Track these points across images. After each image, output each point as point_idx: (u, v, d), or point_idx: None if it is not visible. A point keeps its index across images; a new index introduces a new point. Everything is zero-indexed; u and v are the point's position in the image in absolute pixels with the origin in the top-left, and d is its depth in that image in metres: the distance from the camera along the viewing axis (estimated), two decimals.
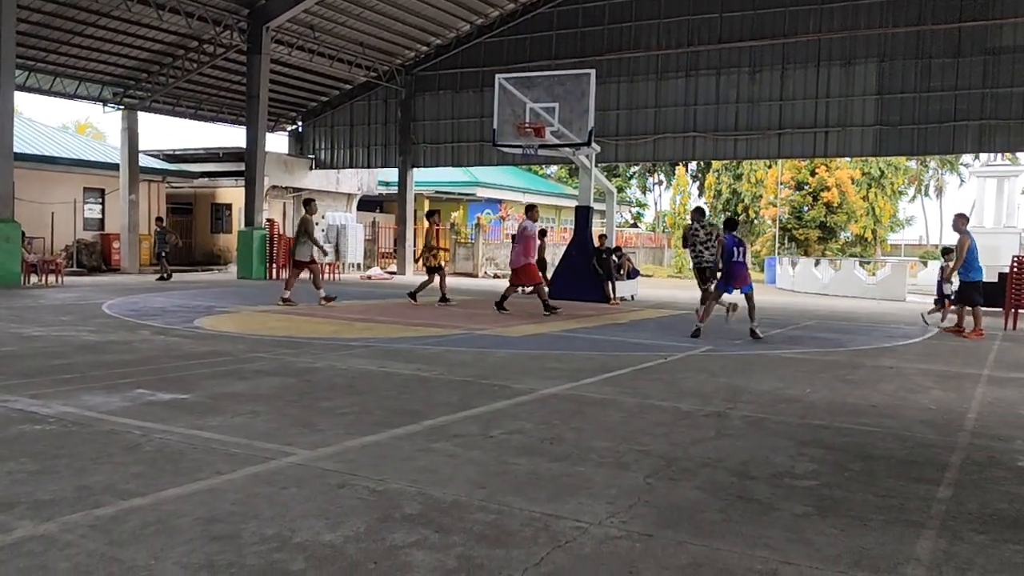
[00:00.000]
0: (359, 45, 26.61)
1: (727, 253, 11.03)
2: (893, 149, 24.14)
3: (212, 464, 4.07)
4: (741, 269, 11.06)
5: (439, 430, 4.98)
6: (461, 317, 12.89)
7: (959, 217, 12.33)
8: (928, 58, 21.76)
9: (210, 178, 30.87)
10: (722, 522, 3.46)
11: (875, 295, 23.10)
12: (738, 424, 5.47)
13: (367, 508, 3.48)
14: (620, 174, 58.75)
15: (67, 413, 5.13)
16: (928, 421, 5.80)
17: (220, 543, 3.02)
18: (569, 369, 7.74)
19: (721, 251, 11.16)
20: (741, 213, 48.42)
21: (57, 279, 18.79)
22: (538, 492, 3.79)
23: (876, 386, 7.29)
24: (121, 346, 8.41)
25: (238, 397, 5.84)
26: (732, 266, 11.00)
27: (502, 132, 16.64)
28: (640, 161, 44.42)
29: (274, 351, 8.28)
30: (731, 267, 11.01)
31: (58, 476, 3.79)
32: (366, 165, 31.28)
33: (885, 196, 45.89)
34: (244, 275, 23.17)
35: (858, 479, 4.21)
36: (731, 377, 7.53)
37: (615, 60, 25.24)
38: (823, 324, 13.85)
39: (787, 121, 23.56)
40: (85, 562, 2.81)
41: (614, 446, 4.72)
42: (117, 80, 25.86)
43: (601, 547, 3.13)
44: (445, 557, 2.97)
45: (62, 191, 25.57)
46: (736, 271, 11.01)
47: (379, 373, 7.12)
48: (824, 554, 3.14)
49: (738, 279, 11.04)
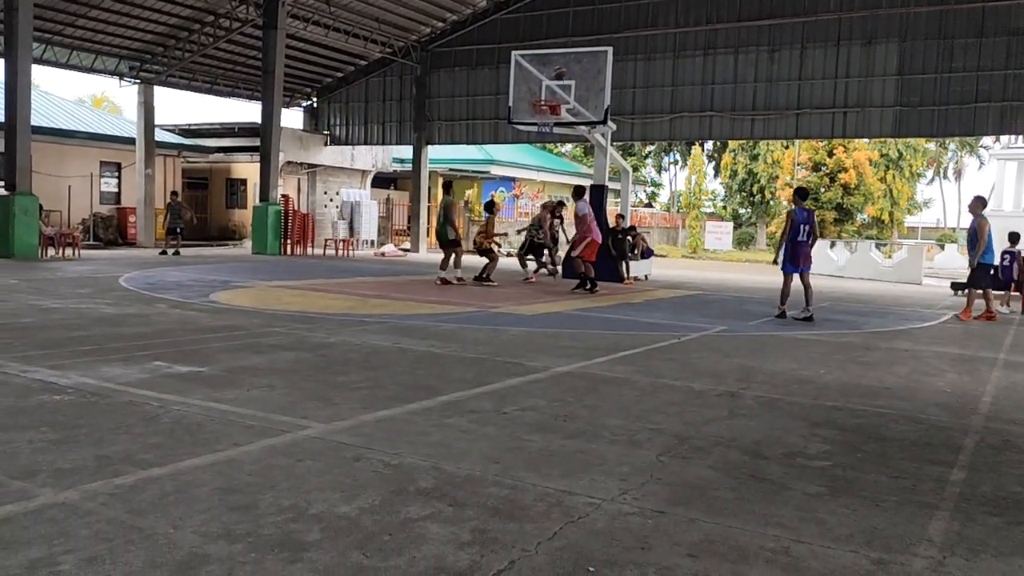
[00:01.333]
0: (375, 20, 26.48)
1: (794, 231, 10.64)
2: (913, 130, 23.87)
3: (229, 436, 4.11)
4: (804, 248, 10.78)
5: (453, 406, 5.02)
6: (476, 295, 12.91)
7: (977, 200, 12.21)
8: (950, 38, 21.45)
9: (225, 153, 30.91)
10: (734, 500, 3.48)
11: (891, 278, 22.96)
12: (751, 404, 5.48)
13: (382, 481, 3.52)
14: (635, 153, 58.41)
15: (86, 384, 5.19)
16: (942, 404, 5.78)
17: (237, 513, 3.07)
18: (583, 347, 7.75)
19: (790, 227, 10.71)
20: (757, 194, 48.13)
21: (74, 252, 18.93)
22: (551, 468, 3.82)
23: (890, 368, 7.27)
24: (138, 319, 8.48)
25: (254, 370, 5.89)
26: (798, 246, 10.69)
27: (517, 110, 16.57)
28: (656, 140, 44.16)
29: (289, 326, 8.34)
30: (797, 247, 10.69)
31: (78, 445, 3.85)
32: (381, 142, 31.23)
33: (903, 178, 45.48)
34: (259, 250, 23.26)
35: (871, 460, 4.21)
36: (744, 357, 7.53)
37: (632, 38, 25.02)
38: (838, 306, 13.80)
39: (805, 101, 23.33)
40: (106, 529, 2.85)
41: (627, 424, 4.73)
42: (133, 54, 25.87)
43: (614, 523, 3.15)
44: (459, 530, 3.00)
45: (79, 165, 25.67)
46: (801, 250, 10.72)
47: (393, 349, 7.16)
48: (836, 533, 3.15)
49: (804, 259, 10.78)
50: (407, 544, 2.86)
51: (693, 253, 41.11)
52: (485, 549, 2.84)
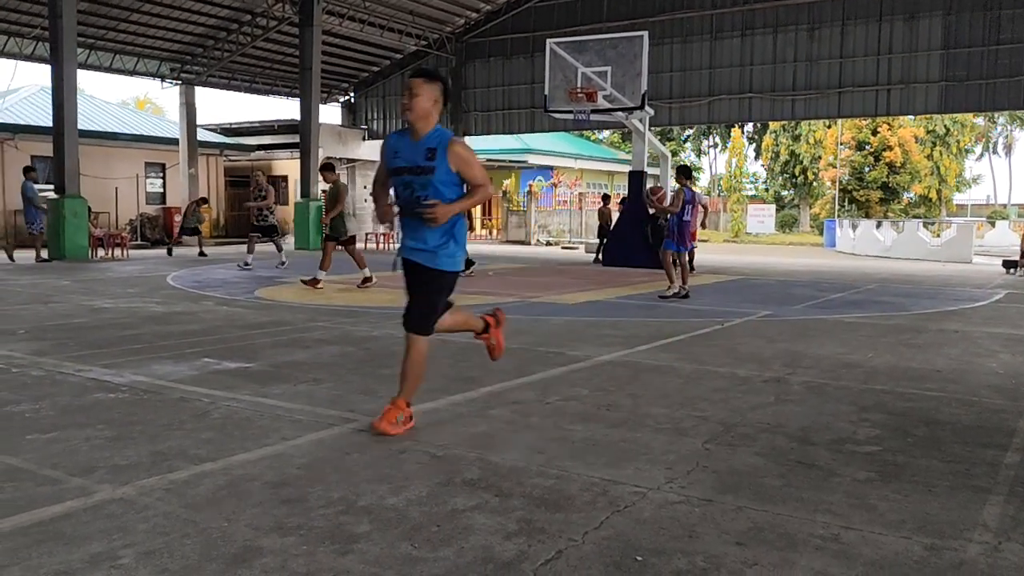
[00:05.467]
0: (409, 14, 26.57)
1: (682, 210, 10.74)
2: (959, 105, 23.31)
3: (278, 430, 4.19)
4: (689, 227, 10.97)
5: (496, 396, 5.04)
6: (516, 285, 12.92)
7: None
8: (997, 9, 20.86)
9: (266, 151, 31.34)
10: (782, 487, 3.45)
11: (940, 257, 22.48)
12: (798, 389, 5.42)
13: (428, 473, 3.55)
14: (674, 138, 57.85)
15: (138, 382, 5.32)
16: (995, 386, 5.66)
17: (288, 506, 3.12)
18: (624, 336, 7.73)
19: (680, 207, 10.78)
20: (799, 175, 47.38)
21: (123, 252, 19.37)
22: (596, 458, 3.82)
23: (941, 350, 7.13)
24: (186, 317, 8.66)
25: (300, 365, 5.98)
26: (684, 225, 10.81)
27: (554, 98, 16.53)
28: (695, 124, 43.71)
29: (333, 320, 8.44)
30: (683, 226, 10.81)
31: (133, 442, 3.95)
32: None
33: (950, 155, 44.41)
34: (301, 246, 23.55)
35: (922, 445, 4.14)
36: (790, 342, 7.44)
37: (668, 21, 24.76)
38: (885, 288, 13.55)
39: (847, 79, 22.89)
40: (162, 523, 2.93)
41: (671, 412, 4.71)
42: (174, 55, 26.32)
43: (660, 512, 3.14)
44: (506, 520, 3.02)
45: (125, 166, 26.23)
46: (687, 229, 10.87)
47: (435, 341, 7.15)
48: (887, 519, 3.11)
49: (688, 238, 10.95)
50: (455, 535, 2.89)
51: (735, 237, 40.67)
52: (532, 539, 2.86)
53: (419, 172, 4.10)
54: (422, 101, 4.11)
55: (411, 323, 4.23)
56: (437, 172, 4.08)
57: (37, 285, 11.89)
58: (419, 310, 4.24)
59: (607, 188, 42.13)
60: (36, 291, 11.05)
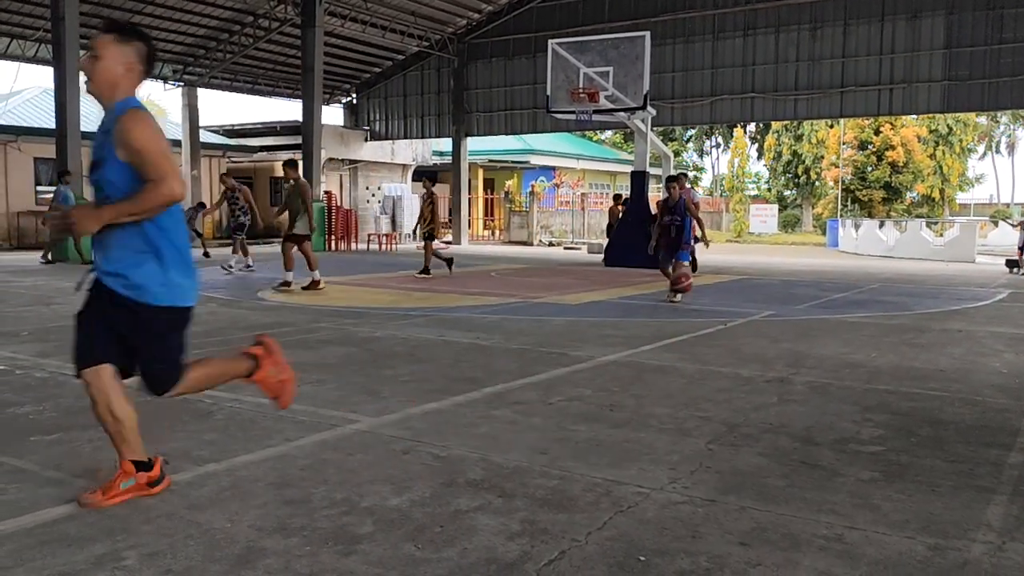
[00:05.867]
0: (411, 15, 26.59)
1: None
2: (962, 105, 23.27)
3: (281, 431, 4.19)
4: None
5: (499, 397, 5.04)
6: (518, 286, 12.93)
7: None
8: (999, 8, 20.83)
9: (268, 152, 31.36)
10: (786, 488, 3.45)
11: (943, 257, 22.45)
12: (801, 390, 5.41)
13: (431, 473, 3.55)
14: (676, 138, 57.81)
15: None
16: (999, 385, 5.65)
17: (292, 507, 3.13)
18: (626, 336, 7.72)
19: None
20: (802, 175, 47.33)
21: None
22: (599, 458, 3.82)
23: (944, 350, 7.12)
24: None
25: (303, 366, 5.97)
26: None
27: (556, 98, 16.54)
28: (697, 124, 43.68)
29: (336, 321, 8.44)
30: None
31: None
32: (420, 135, 31.39)
33: (953, 154, 44.30)
34: None
35: (926, 444, 4.14)
36: (793, 342, 7.43)
37: (670, 21, 24.75)
38: (888, 287, 13.53)
39: (850, 79, 22.87)
40: (166, 524, 2.93)
41: (674, 412, 4.71)
42: (176, 57, 26.35)
43: (664, 512, 3.14)
44: (509, 521, 3.02)
45: None
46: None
47: (438, 342, 7.21)
48: (891, 519, 3.10)
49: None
50: (458, 536, 2.89)
51: (738, 237, 40.63)
52: (535, 540, 2.86)
53: (97, 165, 2.99)
54: (107, 65, 2.96)
55: (157, 384, 3.14)
56: (106, 164, 2.94)
57: (39, 287, 11.91)
58: (158, 364, 3.12)
59: (609, 188, 42.11)
60: (38, 293, 11.07)
